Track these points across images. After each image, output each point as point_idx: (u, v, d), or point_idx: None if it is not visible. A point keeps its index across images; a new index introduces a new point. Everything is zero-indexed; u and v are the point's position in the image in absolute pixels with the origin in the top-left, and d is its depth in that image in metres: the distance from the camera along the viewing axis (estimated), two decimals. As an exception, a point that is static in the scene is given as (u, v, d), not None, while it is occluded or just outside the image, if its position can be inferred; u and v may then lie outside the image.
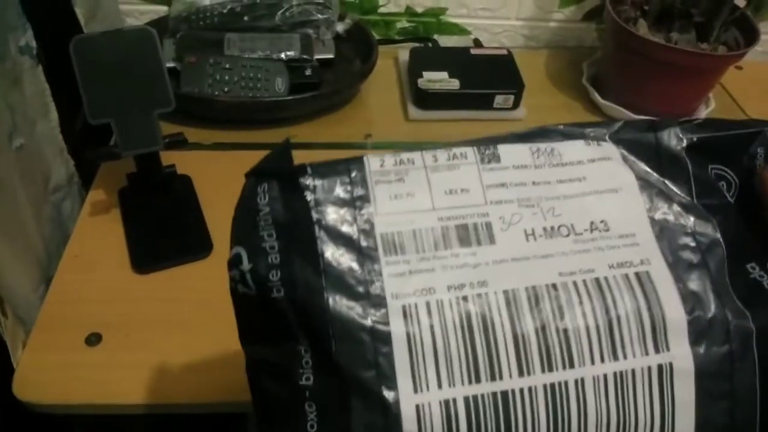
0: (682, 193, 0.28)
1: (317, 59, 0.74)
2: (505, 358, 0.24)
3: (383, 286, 0.24)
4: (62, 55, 0.52)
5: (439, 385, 0.23)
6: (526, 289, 0.25)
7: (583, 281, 0.25)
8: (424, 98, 0.74)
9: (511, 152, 0.27)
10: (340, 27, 0.78)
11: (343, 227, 0.25)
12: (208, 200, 0.61)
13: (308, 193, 0.25)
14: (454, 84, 0.74)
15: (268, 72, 0.70)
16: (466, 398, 0.24)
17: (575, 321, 0.24)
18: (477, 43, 0.86)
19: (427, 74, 0.74)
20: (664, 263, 0.26)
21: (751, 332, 0.25)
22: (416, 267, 0.25)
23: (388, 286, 0.24)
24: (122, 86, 0.54)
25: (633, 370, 0.24)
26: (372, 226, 0.25)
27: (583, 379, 0.24)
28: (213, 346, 0.48)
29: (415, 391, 0.23)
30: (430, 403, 0.23)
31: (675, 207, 0.27)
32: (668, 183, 0.28)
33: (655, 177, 0.28)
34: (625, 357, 0.24)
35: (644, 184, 0.27)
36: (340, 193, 0.26)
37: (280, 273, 0.24)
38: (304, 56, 0.73)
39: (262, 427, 0.28)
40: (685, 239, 0.27)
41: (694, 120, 0.29)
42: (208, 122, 0.69)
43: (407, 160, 0.26)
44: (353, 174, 0.26)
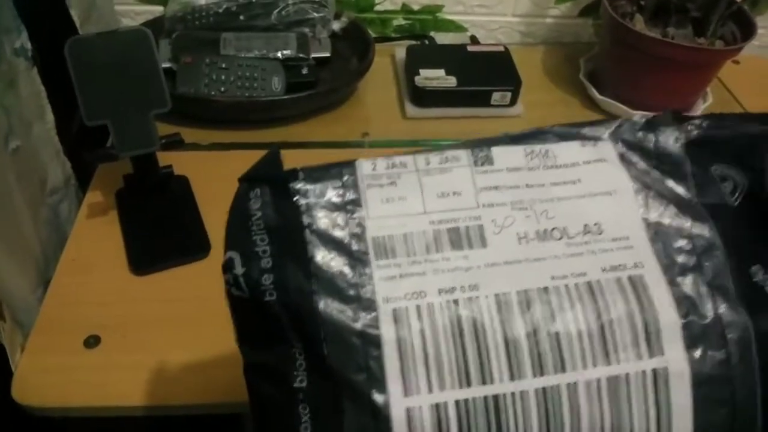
0: (680, 191, 0.27)
1: (314, 58, 0.74)
2: (496, 362, 0.24)
3: (374, 290, 0.24)
4: (58, 57, 0.51)
5: (430, 389, 0.23)
6: (518, 292, 0.24)
7: (575, 285, 0.25)
8: (421, 96, 0.74)
9: (504, 154, 0.27)
10: (336, 25, 0.78)
11: (334, 231, 0.25)
12: (205, 200, 0.61)
13: (299, 198, 0.25)
14: (451, 81, 0.73)
15: (265, 71, 0.70)
16: (457, 402, 0.23)
17: (567, 325, 0.24)
18: (474, 40, 0.86)
19: (424, 72, 0.74)
20: (658, 266, 0.26)
21: (750, 338, 0.25)
22: (407, 270, 0.25)
23: (379, 290, 0.24)
24: (118, 87, 0.54)
25: (627, 375, 0.24)
26: (363, 229, 0.25)
27: (575, 384, 0.24)
28: (211, 346, 0.48)
29: (406, 394, 0.23)
30: (420, 407, 0.23)
31: (671, 208, 0.27)
32: (666, 181, 0.27)
33: (654, 175, 0.27)
34: (619, 361, 0.24)
35: (640, 186, 0.27)
36: (332, 197, 0.26)
37: (273, 277, 0.24)
38: (301, 55, 0.73)
39: (258, 429, 0.28)
40: (680, 242, 0.26)
41: (695, 117, 0.29)
42: (204, 122, 0.69)
43: (399, 163, 0.26)
44: (345, 178, 0.26)
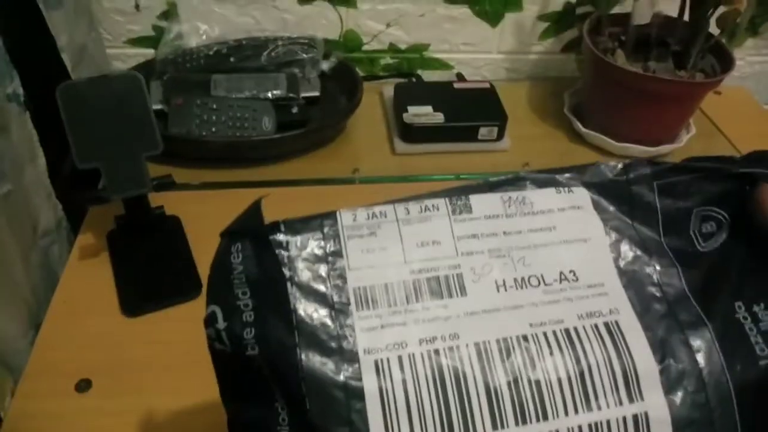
0: (651, 238, 0.28)
1: (303, 97, 0.75)
2: (478, 412, 0.24)
3: (356, 341, 0.25)
4: (49, 101, 0.52)
5: None
6: (497, 341, 0.25)
7: (554, 332, 0.25)
8: (409, 132, 0.75)
9: (482, 202, 0.28)
10: (325, 65, 0.79)
11: (315, 283, 0.26)
12: (197, 240, 0.61)
13: (281, 251, 0.26)
14: (439, 117, 0.75)
15: (255, 111, 0.71)
16: None
17: (547, 372, 0.24)
18: (460, 77, 0.87)
19: (412, 109, 0.75)
20: (632, 312, 0.26)
21: (726, 381, 0.25)
22: (388, 321, 0.25)
23: (361, 341, 0.25)
24: (110, 130, 0.54)
25: (608, 421, 0.24)
26: (345, 281, 0.26)
27: (557, 431, 0.24)
28: (203, 388, 0.47)
29: None
30: None
31: (642, 256, 0.27)
32: (638, 228, 0.28)
33: (625, 222, 0.28)
34: (599, 408, 0.24)
35: (613, 232, 0.28)
36: (314, 249, 0.26)
37: (254, 330, 0.25)
38: (291, 95, 0.74)
39: None
40: (651, 289, 0.27)
41: (668, 163, 0.29)
42: (196, 162, 0.70)
43: (380, 213, 0.27)
44: (326, 229, 0.26)
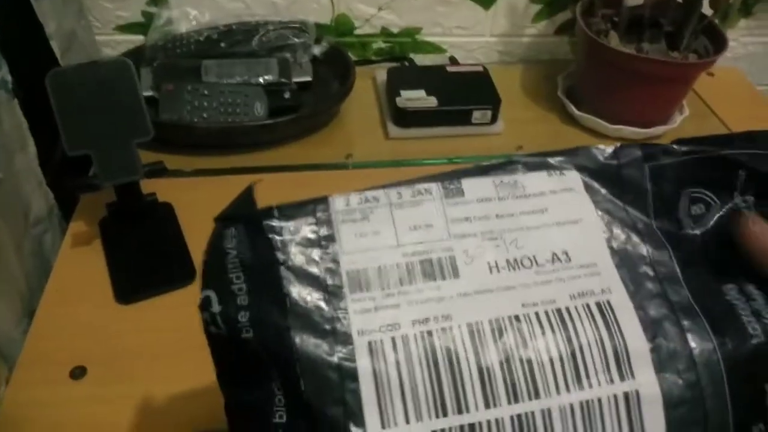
0: (641, 219, 0.28)
1: (295, 82, 0.75)
2: (471, 391, 0.24)
3: (349, 323, 0.25)
4: (39, 88, 0.52)
5: (407, 420, 0.24)
6: (490, 321, 0.25)
7: (546, 312, 0.25)
8: (403, 117, 0.75)
9: (474, 186, 0.28)
10: (316, 50, 0.79)
11: (309, 267, 0.26)
12: (190, 227, 0.61)
13: (274, 236, 0.26)
14: (432, 101, 0.74)
15: (247, 97, 0.71)
16: None
17: (539, 352, 0.25)
18: (453, 60, 0.87)
19: (405, 93, 0.75)
20: (624, 292, 0.26)
21: (717, 360, 0.25)
22: (381, 303, 0.25)
23: (354, 323, 0.25)
24: (100, 117, 0.54)
25: (599, 399, 0.24)
26: (338, 264, 0.26)
27: (549, 409, 0.24)
28: (198, 373, 0.47)
29: (383, 426, 0.24)
30: None
31: (633, 237, 0.28)
32: (629, 209, 0.28)
33: (616, 204, 0.28)
34: (591, 386, 0.25)
35: (605, 214, 0.28)
36: (307, 234, 0.26)
37: (249, 314, 0.25)
38: (282, 80, 0.73)
39: None
40: (644, 268, 0.27)
41: (660, 144, 0.29)
42: (188, 149, 0.70)
43: (372, 198, 0.27)
44: (319, 214, 0.26)
